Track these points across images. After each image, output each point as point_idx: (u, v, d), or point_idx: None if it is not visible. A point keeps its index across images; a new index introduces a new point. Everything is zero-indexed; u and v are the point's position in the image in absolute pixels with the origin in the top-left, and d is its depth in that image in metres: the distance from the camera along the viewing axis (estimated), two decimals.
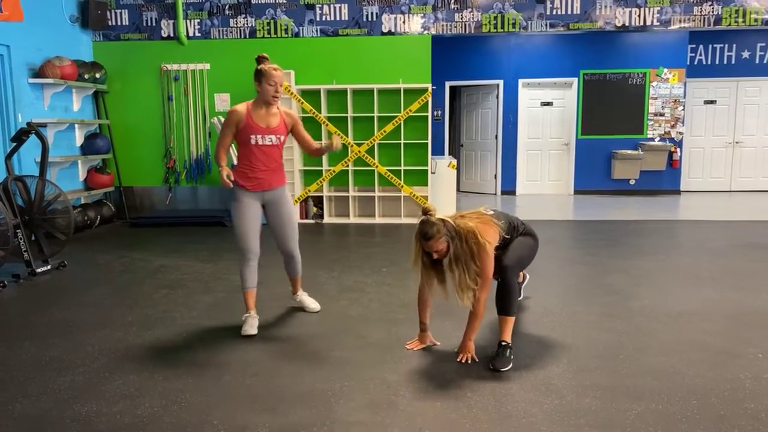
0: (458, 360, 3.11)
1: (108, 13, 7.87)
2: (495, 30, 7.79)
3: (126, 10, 7.93)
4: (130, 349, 3.35)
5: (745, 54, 10.09)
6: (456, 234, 2.98)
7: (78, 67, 7.19)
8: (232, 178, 3.50)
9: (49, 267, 5.15)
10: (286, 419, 2.54)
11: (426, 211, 2.99)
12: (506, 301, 3.13)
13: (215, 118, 7.51)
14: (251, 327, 3.58)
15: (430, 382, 2.88)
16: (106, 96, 7.98)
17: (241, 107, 3.53)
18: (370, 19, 7.77)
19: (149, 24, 7.93)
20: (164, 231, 7.19)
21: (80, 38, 7.74)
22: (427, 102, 7.57)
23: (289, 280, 4.01)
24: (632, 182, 10.03)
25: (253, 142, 3.52)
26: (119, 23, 7.95)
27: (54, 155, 6.68)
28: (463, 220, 3.08)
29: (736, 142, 10.41)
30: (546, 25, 7.76)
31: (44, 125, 6.71)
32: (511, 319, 3.15)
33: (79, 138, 7.54)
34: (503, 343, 3.11)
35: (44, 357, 3.26)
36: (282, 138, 3.61)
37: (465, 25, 7.78)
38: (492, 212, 3.25)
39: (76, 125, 7.46)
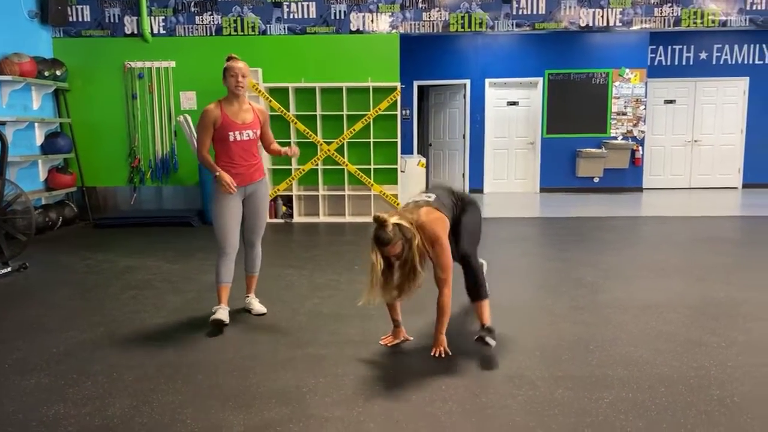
0: (432, 354, 3.12)
1: (68, 8, 7.67)
2: (462, 29, 7.85)
3: (87, 6, 7.74)
4: (98, 351, 3.27)
5: (703, 55, 10.40)
6: (411, 235, 2.95)
7: (37, 64, 6.99)
8: (235, 184, 3.52)
9: (9, 269, 4.99)
10: (261, 416, 2.51)
11: (379, 220, 2.94)
12: (476, 287, 3.20)
13: (181, 116, 7.38)
14: (222, 314, 3.54)
15: (405, 376, 2.89)
16: (68, 94, 7.78)
17: (214, 106, 3.53)
18: (338, 17, 7.76)
19: (112, 20, 7.76)
20: (129, 232, 7.04)
21: (39, 34, 7.52)
22: (396, 101, 7.59)
23: (246, 278, 3.93)
24: (596, 180, 10.23)
25: (232, 138, 3.54)
26: (80, 19, 7.76)
27: (13, 155, 6.46)
28: (413, 215, 3.05)
29: (695, 141, 10.72)
30: (512, 24, 7.86)
31: (3, 123, 6.49)
32: (486, 302, 3.23)
33: (39, 137, 7.33)
34: (486, 326, 3.17)
35: (7, 360, 3.15)
36: (258, 132, 3.66)
37: (433, 24, 7.83)
38: (434, 197, 3.22)
39: (36, 124, 7.25)
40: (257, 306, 3.89)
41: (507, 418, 2.47)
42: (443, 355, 3.11)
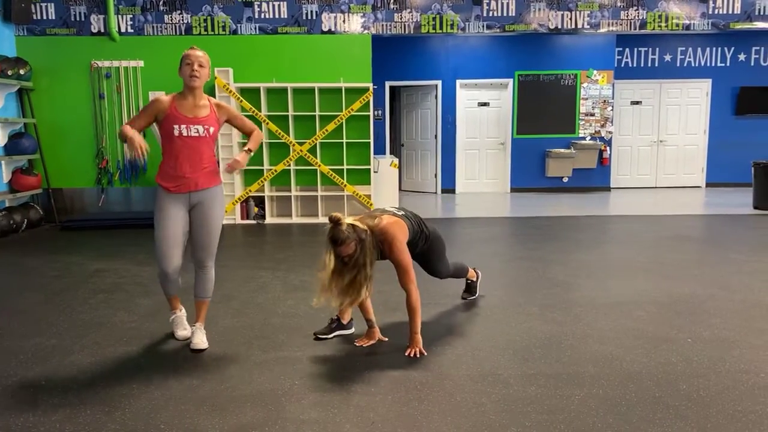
0: (407, 354, 3.14)
1: (32, 6, 7.50)
2: (434, 30, 7.91)
3: (52, 4, 7.58)
4: (68, 356, 3.21)
5: (668, 57, 10.66)
6: (366, 235, 3.04)
7: (0, 62, 6.82)
8: (146, 148, 3.01)
9: None
10: (237, 420, 2.50)
11: (334, 219, 3.01)
12: (459, 276, 3.93)
13: None
14: (182, 328, 3.45)
15: (381, 377, 2.90)
16: (32, 94, 7.60)
17: (166, 97, 3.19)
18: (309, 17, 7.73)
19: (78, 19, 7.61)
20: (98, 234, 6.91)
21: (2, 33, 7.34)
22: (369, 101, 7.60)
23: (195, 303, 3.40)
24: (565, 180, 10.40)
25: (176, 132, 3.12)
26: (45, 17, 7.59)
27: None
28: (373, 220, 3.18)
29: (660, 141, 10.98)
30: (483, 26, 7.95)
31: None
32: (470, 273, 4.06)
33: (2, 137, 7.15)
34: (469, 281, 4.10)
35: None
36: (211, 130, 3.20)
37: (404, 25, 7.86)
38: (402, 213, 3.43)
39: None
40: (198, 339, 3.29)
41: (482, 416, 2.50)
42: (418, 355, 3.13)
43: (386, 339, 3.37)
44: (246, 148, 3.31)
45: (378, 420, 2.48)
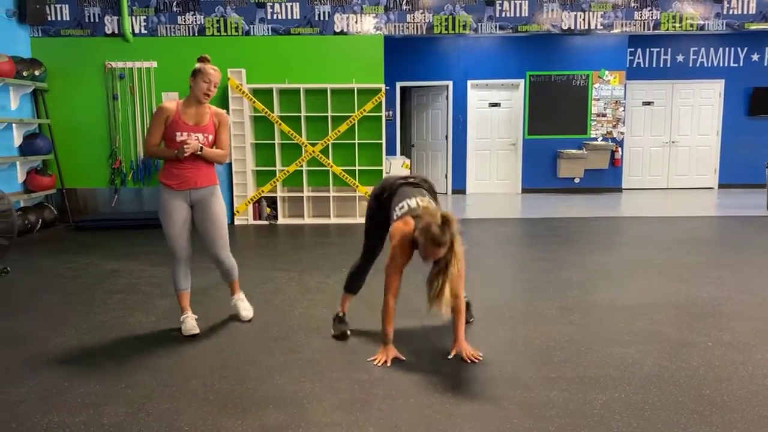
0: (464, 361, 3.09)
1: (47, 7, 7.54)
2: (446, 31, 7.90)
3: (66, 5, 7.62)
4: (89, 357, 3.23)
5: (680, 58, 10.59)
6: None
7: (15, 63, 6.87)
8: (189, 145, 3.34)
9: None
10: (260, 422, 2.50)
11: (446, 219, 2.82)
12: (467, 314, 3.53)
13: None
14: (192, 327, 3.55)
15: (402, 380, 2.90)
16: (47, 95, 7.64)
17: (171, 104, 3.40)
18: (322, 18, 7.74)
19: (92, 20, 7.64)
20: (111, 234, 6.94)
21: (17, 34, 7.38)
22: (381, 102, 7.60)
23: (228, 285, 3.85)
24: (577, 181, 10.36)
25: (179, 139, 3.38)
26: (59, 18, 7.63)
27: None
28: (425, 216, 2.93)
29: (672, 142, 10.92)
30: (495, 27, 7.93)
31: None
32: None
33: (17, 138, 7.20)
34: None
35: None
36: (210, 137, 3.48)
37: (417, 26, 7.86)
38: (428, 200, 3.19)
39: (14, 125, 7.12)
40: (243, 311, 3.78)
41: (505, 420, 2.49)
42: (476, 360, 3.08)
43: (404, 358, 3.14)
44: (203, 148, 3.42)
45: (401, 423, 2.48)
